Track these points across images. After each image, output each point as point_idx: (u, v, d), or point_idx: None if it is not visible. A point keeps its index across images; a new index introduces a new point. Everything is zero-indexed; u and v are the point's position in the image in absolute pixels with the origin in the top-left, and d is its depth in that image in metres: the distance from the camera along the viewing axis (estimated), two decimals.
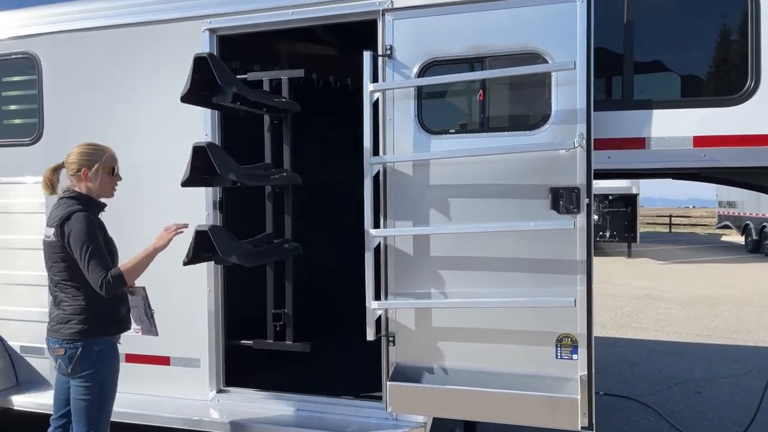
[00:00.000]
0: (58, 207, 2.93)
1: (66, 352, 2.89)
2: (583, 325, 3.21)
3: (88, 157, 2.99)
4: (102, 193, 3.04)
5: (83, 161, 2.98)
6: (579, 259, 3.19)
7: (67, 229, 2.82)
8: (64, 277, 2.89)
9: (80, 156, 2.99)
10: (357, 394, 3.83)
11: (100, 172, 2.98)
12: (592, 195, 3.16)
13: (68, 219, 2.83)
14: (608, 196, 17.41)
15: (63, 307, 2.92)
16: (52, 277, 2.95)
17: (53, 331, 2.94)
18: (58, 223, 2.84)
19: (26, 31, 4.19)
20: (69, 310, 2.90)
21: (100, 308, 2.93)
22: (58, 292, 2.93)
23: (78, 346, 2.88)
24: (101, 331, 2.95)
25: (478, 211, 3.31)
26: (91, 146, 3.04)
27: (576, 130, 3.15)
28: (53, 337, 2.94)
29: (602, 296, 11.17)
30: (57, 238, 2.85)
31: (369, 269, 3.33)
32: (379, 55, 3.42)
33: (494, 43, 3.26)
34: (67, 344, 2.88)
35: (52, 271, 2.93)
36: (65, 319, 2.90)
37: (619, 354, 7.28)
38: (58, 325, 2.92)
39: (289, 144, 3.76)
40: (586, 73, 3.14)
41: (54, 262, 2.90)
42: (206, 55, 3.06)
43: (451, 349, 3.39)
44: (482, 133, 3.32)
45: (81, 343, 2.87)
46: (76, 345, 2.87)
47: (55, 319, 2.94)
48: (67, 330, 2.89)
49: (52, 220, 2.90)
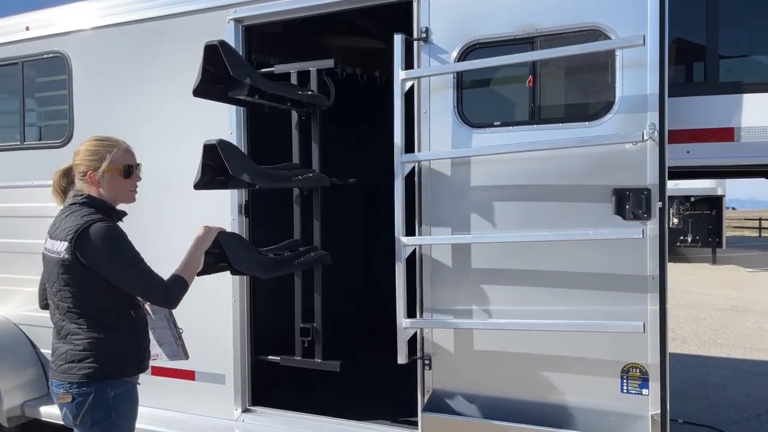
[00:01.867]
0: (68, 216, 2.33)
1: (74, 399, 2.29)
2: (655, 353, 2.68)
3: (93, 157, 2.39)
4: (116, 198, 2.44)
5: (88, 162, 2.39)
6: (650, 275, 2.66)
7: (87, 244, 2.23)
8: (74, 304, 2.31)
9: (85, 155, 2.40)
10: (393, 418, 3.44)
11: (107, 174, 2.38)
12: (666, 198, 2.62)
13: (86, 231, 2.24)
14: (690, 197, 16.24)
15: (73, 341, 2.31)
16: (59, 303, 2.34)
17: (61, 372, 2.32)
18: (73, 236, 2.24)
19: (55, 30, 4.06)
20: (82, 345, 2.30)
21: (120, 342, 2.36)
22: (67, 323, 2.34)
23: (90, 391, 2.29)
24: (120, 371, 2.36)
25: (527, 217, 2.84)
26: (97, 142, 2.43)
27: (646, 120, 2.63)
28: (60, 380, 2.33)
29: (683, 307, 10.26)
30: (69, 255, 2.24)
31: (400, 282, 2.92)
32: (414, 39, 3.02)
33: (546, 20, 2.78)
34: (77, 389, 2.29)
35: (60, 296, 2.33)
36: (77, 356, 2.29)
37: (701, 375, 6.52)
38: (68, 364, 2.30)
39: (318, 142, 3.41)
40: (658, 51, 2.61)
41: (63, 285, 2.30)
42: (217, 43, 2.76)
43: (496, 377, 2.93)
44: (532, 125, 2.84)
45: (93, 387, 2.29)
46: (88, 390, 2.29)
47: (64, 357, 2.32)
48: (80, 371, 2.29)
49: (62, 232, 2.30)
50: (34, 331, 4.26)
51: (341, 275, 3.99)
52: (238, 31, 3.52)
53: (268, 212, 3.76)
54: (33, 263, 4.14)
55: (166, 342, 2.66)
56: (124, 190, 2.44)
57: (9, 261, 4.29)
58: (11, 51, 4.23)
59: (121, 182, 2.42)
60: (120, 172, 2.41)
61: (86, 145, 2.43)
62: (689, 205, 16.13)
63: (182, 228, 3.09)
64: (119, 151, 2.42)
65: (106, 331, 2.31)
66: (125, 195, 2.46)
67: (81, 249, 2.23)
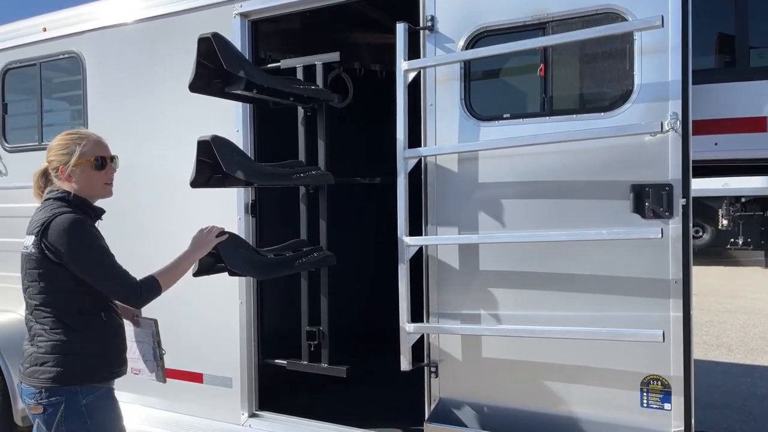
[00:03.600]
0: (41, 210, 2.26)
1: (45, 410, 2.14)
2: (678, 365, 2.44)
3: (63, 151, 2.28)
4: (91, 193, 2.31)
5: (59, 156, 2.28)
6: (672, 278, 2.43)
7: (51, 237, 2.14)
8: (42, 302, 2.19)
9: (56, 151, 2.29)
10: (403, 425, 3.31)
11: (78, 168, 2.26)
12: (690, 194, 2.39)
13: (50, 224, 2.16)
14: (741, 198, 15.50)
15: (38, 343, 2.18)
16: (28, 301, 2.23)
17: (27, 375, 2.19)
18: (39, 228, 2.15)
19: (69, 30, 4.07)
20: (44, 348, 2.17)
21: (85, 347, 2.21)
22: (34, 323, 2.22)
23: (60, 400, 2.14)
24: (86, 377, 2.20)
25: (539, 216, 2.65)
26: (67, 136, 2.33)
27: (668, 109, 2.41)
28: (27, 385, 2.20)
29: (731, 313, 9.75)
30: (36, 249, 2.16)
31: (403, 285, 2.78)
32: (419, 28, 2.86)
33: (558, 3, 2.59)
34: (46, 399, 2.14)
35: (28, 293, 2.23)
36: (40, 359, 2.16)
37: (746, 386, 6.13)
38: (32, 367, 2.17)
39: (323, 138, 3.28)
40: (681, 34, 2.39)
41: (31, 281, 2.20)
42: (210, 36, 2.66)
43: (506, 386, 2.75)
44: (544, 117, 2.65)
45: (63, 395, 2.15)
46: (58, 399, 2.15)
47: (29, 360, 2.19)
48: (43, 374, 2.15)
49: (31, 226, 2.24)
50: None
51: (350, 277, 3.86)
52: (244, 26, 3.44)
53: (277, 211, 3.66)
54: None
55: (148, 359, 2.55)
56: (98, 184, 2.32)
57: None
58: (29, 52, 4.27)
59: (94, 175, 2.30)
60: (91, 165, 2.29)
61: (57, 140, 2.33)
62: (740, 206, 15.40)
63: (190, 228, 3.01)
64: (89, 143, 2.30)
65: (70, 334, 2.18)
66: (100, 189, 2.34)
67: (47, 241, 2.14)
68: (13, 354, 4.03)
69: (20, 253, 2.29)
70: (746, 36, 2.53)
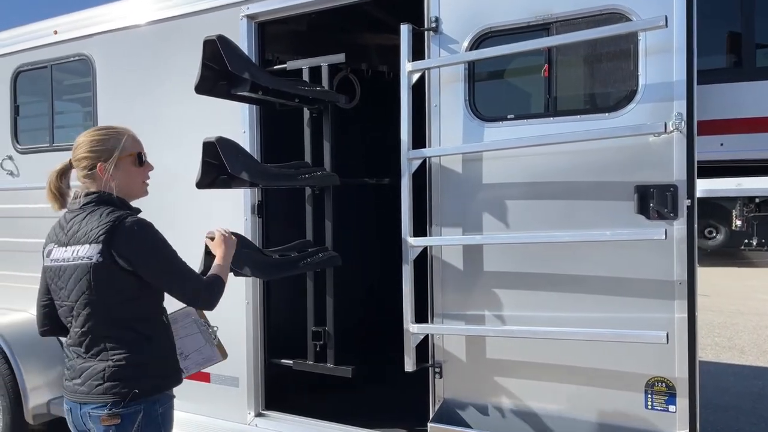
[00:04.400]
0: (87, 217, 2.06)
1: (122, 420, 2.01)
2: (683, 366, 2.43)
3: (100, 147, 2.10)
4: (130, 192, 2.17)
5: (96, 153, 2.09)
6: (676, 280, 2.42)
7: (122, 240, 1.99)
8: (110, 315, 2.04)
9: (91, 146, 2.10)
10: (408, 426, 3.33)
11: (121, 163, 2.11)
12: (695, 195, 2.38)
13: (119, 228, 2.00)
14: (755, 198, 15.32)
15: (111, 357, 2.03)
16: (88, 316, 2.04)
17: (98, 393, 2.02)
18: (106, 235, 1.98)
19: (80, 33, 4.11)
20: (124, 360, 2.02)
21: (161, 353, 2.14)
22: (99, 338, 2.05)
23: (139, 409, 2.03)
24: (165, 383, 2.13)
25: (543, 216, 2.64)
26: (102, 131, 2.17)
27: (672, 110, 2.40)
28: (97, 402, 2.02)
29: (744, 315, 9.65)
30: (103, 257, 1.98)
31: (407, 286, 2.78)
32: (424, 29, 2.87)
33: (562, 3, 2.58)
34: (124, 408, 2.01)
35: (90, 308, 2.03)
36: (120, 374, 2.02)
37: (758, 388, 6.06)
38: (108, 383, 2.02)
39: (329, 140, 3.30)
40: (686, 34, 2.37)
41: (94, 294, 2.02)
42: (215, 38, 2.68)
43: (510, 387, 2.74)
44: (548, 118, 2.65)
45: (141, 405, 2.03)
46: (137, 408, 2.03)
47: (101, 376, 2.03)
48: (125, 388, 2.01)
49: (84, 235, 2.03)
50: None
51: (356, 278, 3.87)
52: (251, 28, 3.46)
53: (283, 212, 3.68)
54: None
55: (195, 349, 2.45)
56: (138, 182, 2.19)
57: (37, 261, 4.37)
58: (40, 55, 4.32)
59: (135, 172, 2.17)
60: (133, 160, 2.15)
61: (89, 137, 2.14)
62: (753, 206, 15.22)
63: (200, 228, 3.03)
64: (128, 138, 2.16)
65: (145, 343, 2.08)
66: (139, 187, 2.21)
67: (117, 247, 1.99)
68: (25, 353, 4.09)
69: (49, 269, 2.15)
70: (752, 35, 2.52)
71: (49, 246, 2.15)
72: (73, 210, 2.11)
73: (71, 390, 2.09)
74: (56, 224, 2.17)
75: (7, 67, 4.47)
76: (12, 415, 4.05)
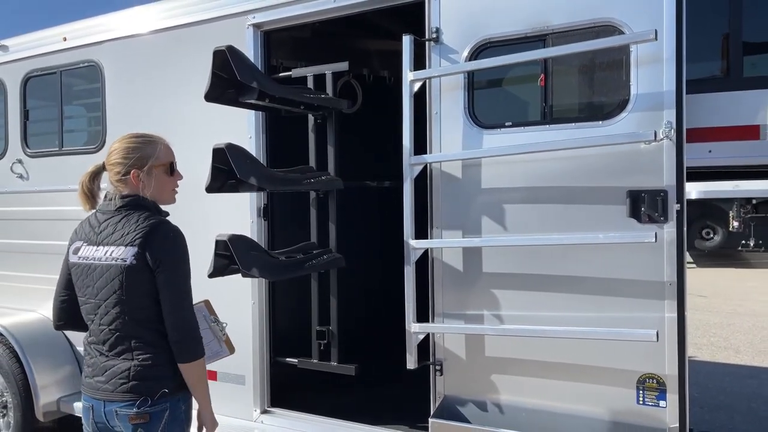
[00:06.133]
0: (122, 220, 2.14)
1: (150, 419, 2.08)
2: (673, 364, 2.54)
3: (135, 154, 2.17)
4: (160, 199, 2.25)
5: (131, 160, 2.16)
6: (666, 281, 2.53)
7: (157, 246, 2.07)
8: (138, 315, 2.10)
9: (126, 153, 2.17)
10: (410, 423, 3.41)
11: (154, 171, 2.19)
12: (684, 200, 2.49)
13: (157, 232, 2.09)
14: (752, 200, 15.39)
15: (136, 357, 2.10)
16: (116, 315, 2.10)
17: (123, 391, 2.08)
18: (142, 239, 2.07)
19: (89, 40, 4.22)
20: (150, 360, 2.09)
21: None
22: (124, 337, 2.11)
23: (165, 407, 2.10)
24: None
25: (540, 220, 2.75)
26: (138, 138, 2.22)
27: (662, 118, 2.51)
28: (124, 400, 2.08)
29: (740, 315, 9.76)
30: (137, 259, 2.06)
31: (409, 286, 2.89)
32: (425, 39, 2.98)
33: (558, 17, 2.69)
34: (150, 407, 2.08)
35: (120, 307, 2.10)
36: (146, 373, 2.09)
37: (753, 387, 6.17)
38: (133, 382, 2.08)
39: (333, 145, 3.41)
40: (675, 46, 2.48)
41: (125, 294, 2.08)
42: (224, 48, 2.79)
43: (508, 384, 2.85)
44: (544, 125, 2.76)
45: (167, 403, 2.11)
46: (163, 406, 2.10)
47: (126, 375, 2.09)
48: (153, 387, 2.08)
49: (120, 237, 2.10)
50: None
51: (358, 278, 3.98)
52: (257, 37, 3.57)
53: (289, 215, 3.79)
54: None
55: (208, 344, 2.44)
56: (168, 190, 2.27)
57: (46, 262, 4.48)
58: (50, 61, 4.43)
59: (167, 181, 2.25)
60: (166, 170, 2.23)
61: (124, 143, 2.21)
62: (750, 207, 15.31)
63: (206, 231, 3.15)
64: (163, 147, 2.24)
65: (167, 342, 2.12)
66: (169, 195, 2.29)
67: (152, 251, 2.06)
68: (35, 352, 4.19)
69: (76, 265, 2.20)
70: (740, 45, 2.63)
71: (77, 243, 2.21)
72: (107, 211, 2.18)
73: (93, 387, 2.15)
74: (85, 222, 2.24)
75: (18, 72, 4.58)
76: (23, 412, 4.15)
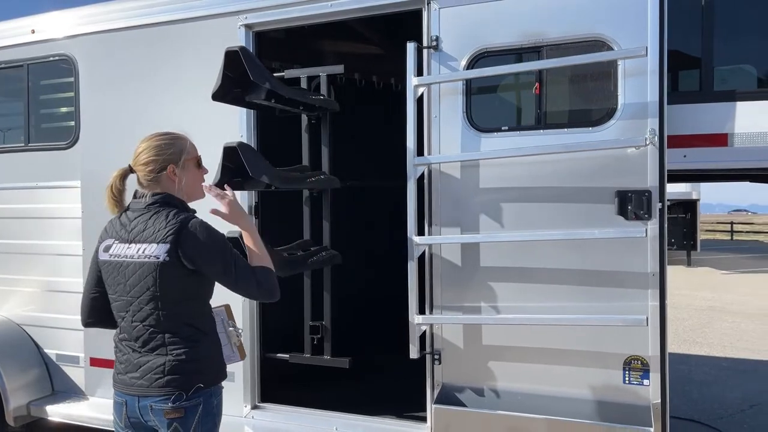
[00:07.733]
0: (152, 217, 2.15)
1: (186, 413, 2.12)
2: (655, 346, 2.83)
3: (170, 150, 2.20)
4: (194, 192, 2.28)
5: (164, 155, 2.18)
6: (650, 272, 2.82)
7: (189, 244, 2.08)
8: (172, 312, 2.13)
9: (158, 151, 2.19)
10: (401, 413, 3.55)
11: (188, 164, 2.23)
12: (665, 199, 2.79)
13: (186, 228, 2.10)
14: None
15: (171, 352, 2.12)
16: (150, 312, 2.13)
17: (159, 386, 2.11)
18: (174, 236, 2.08)
19: (63, 33, 4.09)
20: (185, 355, 2.13)
21: (215, 347, 2.26)
22: (158, 333, 2.14)
23: (199, 402, 2.14)
24: (219, 376, 2.25)
25: (534, 218, 2.98)
26: (165, 135, 2.25)
27: (647, 126, 2.80)
28: (160, 395, 2.11)
29: None
30: (170, 256, 2.08)
31: (412, 281, 3.04)
32: (424, 47, 3.14)
33: (552, 30, 2.93)
34: (186, 402, 2.11)
35: (152, 305, 2.12)
36: (182, 368, 2.12)
37: (684, 372, 6.74)
38: (168, 377, 2.11)
39: (327, 145, 3.51)
40: (658, 60, 2.77)
41: (158, 291, 2.10)
42: (238, 49, 2.85)
43: (504, 370, 3.06)
44: (538, 130, 2.99)
45: (201, 398, 2.15)
46: (197, 401, 2.14)
47: (161, 370, 2.11)
48: (188, 382, 2.12)
49: (152, 234, 2.12)
50: (36, 331, 4.28)
51: (349, 274, 4.09)
52: (248, 37, 3.61)
53: (277, 214, 3.85)
54: (35, 264, 4.21)
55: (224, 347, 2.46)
56: (199, 183, 2.30)
57: (12, 261, 4.31)
58: (16, 54, 4.25)
59: (197, 174, 2.29)
60: (195, 163, 2.28)
61: (154, 142, 2.23)
62: None
63: None
64: (190, 142, 2.29)
65: (203, 337, 2.19)
66: (200, 189, 2.32)
67: (183, 248, 2.08)
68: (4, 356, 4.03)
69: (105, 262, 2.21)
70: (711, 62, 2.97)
71: (108, 241, 2.23)
72: (137, 209, 2.20)
73: (126, 383, 2.17)
74: (115, 221, 2.26)
75: None
76: None
